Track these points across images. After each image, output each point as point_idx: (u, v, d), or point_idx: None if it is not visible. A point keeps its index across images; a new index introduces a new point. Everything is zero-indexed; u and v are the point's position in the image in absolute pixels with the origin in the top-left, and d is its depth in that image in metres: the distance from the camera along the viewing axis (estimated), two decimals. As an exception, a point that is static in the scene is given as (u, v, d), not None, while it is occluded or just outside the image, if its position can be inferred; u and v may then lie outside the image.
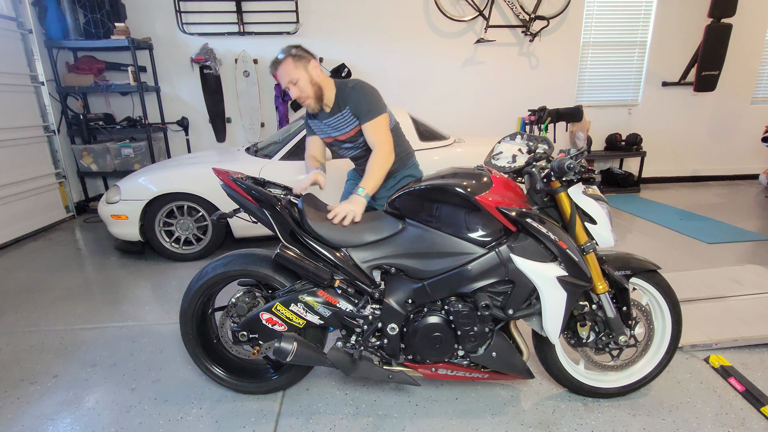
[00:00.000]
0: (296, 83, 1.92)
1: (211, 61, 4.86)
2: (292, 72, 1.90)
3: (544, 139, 1.68)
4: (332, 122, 2.05)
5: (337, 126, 2.05)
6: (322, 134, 2.14)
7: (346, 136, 2.06)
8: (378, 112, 1.97)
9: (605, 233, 1.62)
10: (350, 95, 1.97)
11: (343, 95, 1.99)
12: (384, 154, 1.93)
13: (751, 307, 2.44)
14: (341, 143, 2.12)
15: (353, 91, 1.97)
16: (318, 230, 1.65)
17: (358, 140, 2.07)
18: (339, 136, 2.08)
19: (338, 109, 2.01)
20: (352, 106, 1.97)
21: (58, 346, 2.32)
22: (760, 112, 6.00)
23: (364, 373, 1.70)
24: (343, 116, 2.01)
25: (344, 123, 2.02)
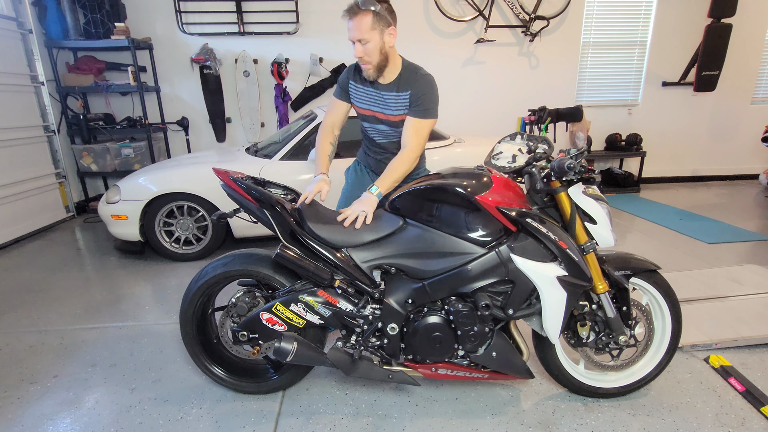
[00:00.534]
0: (365, 44, 1.76)
1: (211, 61, 4.86)
2: (366, 30, 1.73)
3: (544, 139, 1.68)
4: (384, 97, 1.91)
5: (388, 104, 1.91)
6: (364, 103, 1.97)
7: (391, 117, 1.93)
8: (432, 116, 1.89)
9: (605, 233, 1.62)
10: (419, 82, 1.86)
11: (409, 77, 1.87)
12: (411, 159, 1.86)
13: (751, 307, 2.44)
14: (379, 122, 1.98)
15: (424, 80, 1.87)
16: (318, 231, 1.65)
17: (399, 128, 1.95)
18: (383, 114, 1.94)
19: (396, 88, 1.88)
20: (415, 93, 1.85)
21: (58, 346, 2.32)
22: (760, 112, 6.00)
23: (364, 373, 1.70)
24: (399, 98, 1.89)
25: (396, 104, 1.90)
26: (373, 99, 1.94)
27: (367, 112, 1.99)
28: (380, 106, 1.93)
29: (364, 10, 1.71)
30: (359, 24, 1.72)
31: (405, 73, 1.88)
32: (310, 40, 5.10)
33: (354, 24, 1.73)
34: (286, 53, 5.06)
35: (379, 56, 1.80)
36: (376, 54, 1.79)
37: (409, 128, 1.88)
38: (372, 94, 1.93)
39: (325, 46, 5.13)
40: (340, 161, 3.44)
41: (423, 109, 1.86)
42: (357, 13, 1.72)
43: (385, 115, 1.95)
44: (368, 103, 1.96)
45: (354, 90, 1.99)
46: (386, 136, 2.02)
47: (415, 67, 1.91)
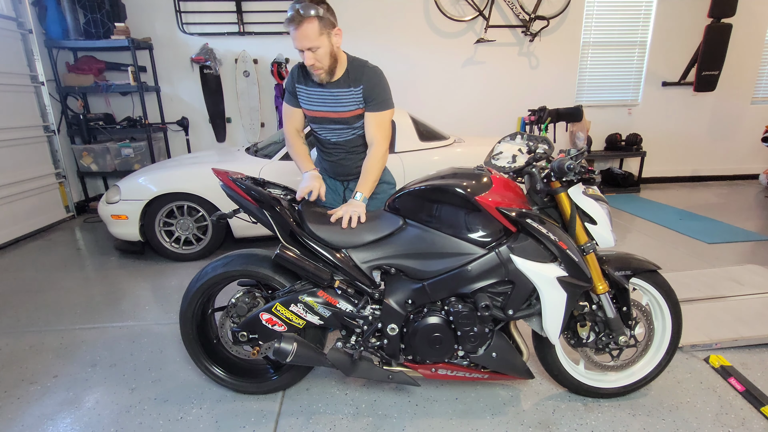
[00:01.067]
0: (316, 50, 1.69)
1: (211, 61, 4.86)
2: (314, 37, 1.66)
3: (544, 139, 1.68)
4: (336, 95, 1.84)
5: (340, 101, 1.85)
6: (315, 105, 1.89)
7: (344, 114, 1.87)
8: (389, 106, 1.87)
9: (605, 233, 1.62)
10: (369, 76, 1.82)
11: (358, 72, 1.83)
12: (381, 154, 1.86)
13: (751, 307, 2.44)
14: (332, 122, 1.91)
15: (374, 73, 1.83)
16: (317, 232, 1.65)
17: (354, 125, 1.91)
18: (335, 113, 1.88)
19: (346, 84, 1.83)
20: (367, 87, 1.82)
21: (58, 346, 2.32)
22: (760, 112, 6.00)
23: (364, 373, 1.70)
24: (351, 93, 1.83)
25: (349, 99, 1.84)
26: (324, 99, 1.87)
27: (319, 114, 1.91)
28: (332, 105, 1.87)
29: (308, 18, 1.63)
30: (306, 32, 1.65)
31: (353, 69, 1.84)
32: (310, 40, 5.08)
33: (300, 33, 1.65)
34: (286, 53, 5.06)
35: (329, 60, 1.76)
36: (326, 58, 1.74)
37: (371, 124, 1.86)
38: (322, 94, 1.86)
39: (325, 46, 5.11)
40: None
41: (379, 102, 1.85)
42: (302, 22, 1.64)
43: (337, 113, 1.88)
44: (319, 104, 1.89)
45: (303, 93, 1.90)
46: (339, 135, 1.95)
47: (361, 61, 1.87)
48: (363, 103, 1.86)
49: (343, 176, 2.08)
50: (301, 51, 1.71)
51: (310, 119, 1.96)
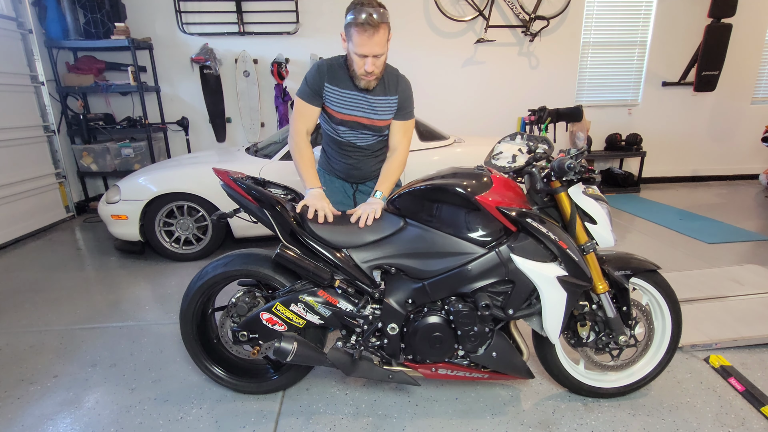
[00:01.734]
0: (380, 57, 1.66)
1: (211, 61, 4.86)
2: (384, 44, 1.63)
3: (544, 139, 1.68)
4: (372, 101, 1.81)
5: (376, 109, 1.82)
6: (345, 109, 1.82)
7: (377, 122, 1.86)
8: (414, 116, 1.91)
9: (605, 233, 1.62)
10: (403, 86, 1.84)
11: (393, 81, 1.82)
12: (403, 159, 1.90)
13: (751, 307, 2.44)
14: (363, 127, 1.87)
15: (406, 83, 1.85)
16: (318, 231, 1.65)
17: (383, 132, 1.90)
18: (368, 119, 1.84)
19: (383, 92, 1.81)
20: (402, 97, 1.83)
21: (58, 346, 2.32)
22: (760, 112, 6.00)
23: (364, 373, 1.70)
24: (387, 102, 1.83)
25: (385, 108, 1.83)
26: (359, 104, 1.81)
27: (349, 118, 1.84)
28: (367, 111, 1.83)
29: (383, 24, 1.59)
30: (380, 39, 1.60)
31: (388, 77, 1.81)
32: (310, 40, 5.10)
33: (374, 40, 1.59)
34: (286, 53, 5.06)
35: (383, 67, 1.75)
36: (382, 65, 1.73)
37: (399, 132, 1.89)
38: (358, 99, 1.80)
39: (325, 46, 5.13)
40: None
41: (409, 111, 1.88)
42: (378, 28, 1.57)
43: (371, 120, 1.84)
44: (352, 108, 1.82)
45: (333, 94, 1.81)
46: (364, 140, 1.93)
47: (393, 69, 1.85)
48: (394, 112, 1.86)
49: (355, 179, 2.06)
50: (362, 57, 1.64)
51: (337, 121, 1.87)
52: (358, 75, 1.72)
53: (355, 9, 1.59)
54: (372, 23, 1.57)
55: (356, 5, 1.60)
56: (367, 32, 1.58)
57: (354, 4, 1.61)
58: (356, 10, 1.58)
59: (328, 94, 1.82)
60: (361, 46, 1.61)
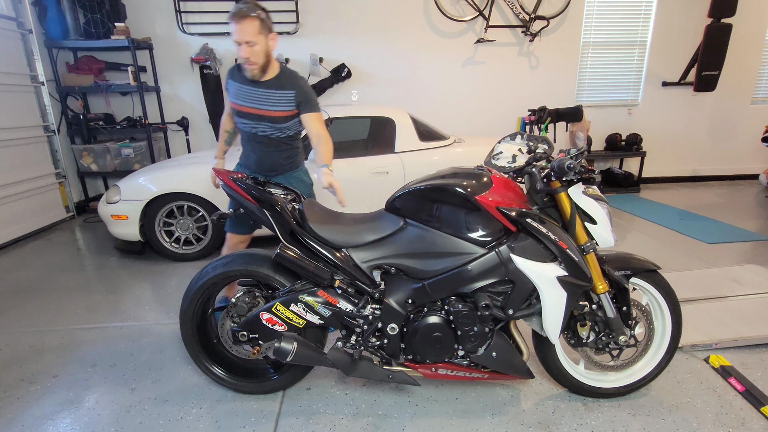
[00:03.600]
0: (253, 46, 1.92)
1: (211, 61, 4.86)
2: (254, 34, 1.89)
3: (544, 139, 1.68)
4: (265, 94, 2.03)
5: (268, 101, 2.03)
6: (242, 101, 2.07)
7: (272, 113, 2.05)
8: (319, 110, 2.10)
9: (605, 233, 1.62)
10: (300, 83, 2.05)
11: (290, 78, 2.05)
12: (329, 139, 2.04)
13: (751, 307, 2.44)
14: (258, 118, 2.07)
15: (303, 81, 2.07)
16: (319, 231, 1.65)
17: (280, 124, 2.07)
18: (262, 110, 2.05)
19: (278, 87, 2.03)
20: (299, 92, 2.03)
21: (58, 346, 2.32)
22: (760, 112, 6.00)
23: (364, 373, 1.70)
24: (282, 95, 2.03)
25: (279, 101, 2.03)
26: (254, 96, 2.04)
27: (246, 109, 2.07)
28: (263, 103, 2.04)
29: (250, 16, 1.87)
30: (249, 28, 1.87)
31: (284, 75, 2.05)
32: (310, 40, 5.10)
33: (240, 27, 1.87)
34: (286, 53, 5.06)
35: (263, 58, 1.97)
36: (261, 56, 1.95)
37: (314, 122, 2.06)
38: (252, 91, 2.04)
39: (325, 46, 5.13)
40: (339, 161, 3.45)
41: (313, 105, 2.07)
42: (245, 18, 1.86)
43: (265, 111, 2.05)
44: (247, 100, 2.05)
45: (234, 88, 2.09)
46: (264, 131, 2.10)
47: (292, 71, 2.10)
48: (295, 106, 2.05)
49: (266, 171, 2.20)
50: (239, 44, 1.91)
51: (237, 113, 2.11)
52: (243, 65, 1.99)
53: (234, 7, 1.91)
54: (240, 14, 1.86)
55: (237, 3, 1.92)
56: (237, 22, 1.87)
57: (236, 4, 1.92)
58: (234, 7, 1.90)
59: (230, 89, 2.12)
60: (234, 33, 1.90)
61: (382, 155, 3.54)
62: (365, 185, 3.47)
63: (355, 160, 3.49)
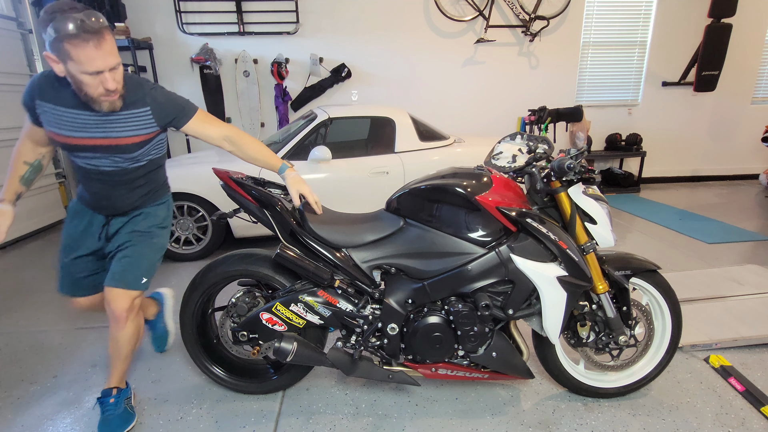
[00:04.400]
0: (116, 69, 1.36)
1: (211, 61, 4.86)
2: (116, 51, 1.34)
3: (544, 139, 1.68)
4: (111, 119, 1.46)
5: (114, 126, 1.46)
6: (71, 131, 1.45)
7: (122, 141, 1.49)
8: (195, 106, 1.61)
9: (605, 233, 1.62)
10: (153, 93, 1.50)
11: (138, 90, 1.49)
12: (250, 136, 1.68)
13: (751, 307, 2.44)
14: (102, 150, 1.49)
15: (157, 91, 1.52)
16: (319, 231, 1.65)
17: (132, 152, 1.53)
18: (108, 140, 1.47)
19: (128, 106, 1.46)
20: (156, 106, 1.50)
21: (58, 346, 2.32)
22: (760, 112, 6.00)
23: (364, 373, 1.70)
24: (136, 116, 1.48)
25: (129, 124, 1.48)
26: (91, 123, 1.44)
27: (79, 141, 1.46)
28: (104, 130, 1.46)
29: (106, 28, 1.29)
30: (109, 46, 1.30)
31: (131, 88, 1.47)
32: (310, 40, 5.10)
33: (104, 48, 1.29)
34: (286, 53, 5.06)
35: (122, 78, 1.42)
36: (122, 77, 1.41)
37: (206, 128, 1.61)
38: (87, 117, 1.43)
39: (325, 46, 5.13)
40: (339, 161, 3.45)
41: (189, 109, 1.58)
42: (102, 33, 1.28)
43: (111, 140, 1.47)
44: (80, 129, 1.45)
45: (51, 114, 1.42)
46: (111, 165, 1.53)
47: (136, 78, 1.52)
48: (156, 126, 1.54)
49: (106, 211, 1.65)
50: (96, 74, 1.31)
51: (63, 146, 1.48)
52: (97, 98, 1.36)
53: (56, 20, 1.23)
54: (91, 29, 1.25)
55: (54, 14, 1.24)
56: (90, 42, 1.26)
57: (50, 13, 1.25)
58: (59, 20, 1.23)
59: (45, 113, 1.43)
60: (91, 61, 1.28)
61: (382, 155, 3.55)
62: (365, 185, 3.47)
63: (355, 160, 3.49)
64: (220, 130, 1.63)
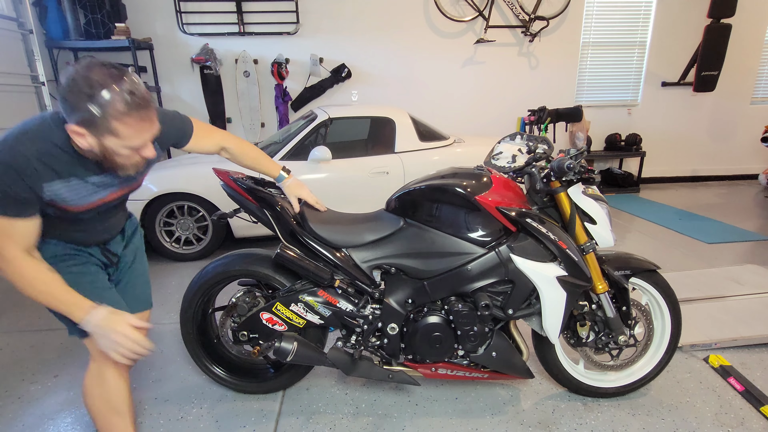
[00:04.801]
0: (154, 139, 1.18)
1: (211, 61, 4.86)
2: (156, 117, 1.15)
3: (544, 139, 1.69)
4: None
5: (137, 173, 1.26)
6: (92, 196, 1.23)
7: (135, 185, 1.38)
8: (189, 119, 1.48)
9: (605, 233, 1.62)
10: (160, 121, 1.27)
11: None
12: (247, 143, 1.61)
13: (750, 307, 2.45)
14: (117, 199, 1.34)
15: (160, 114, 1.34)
16: (319, 231, 1.65)
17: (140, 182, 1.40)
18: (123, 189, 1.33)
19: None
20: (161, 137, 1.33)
21: (59, 346, 2.32)
22: (759, 112, 6.00)
23: (364, 373, 1.70)
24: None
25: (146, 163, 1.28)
26: (108, 184, 1.27)
27: (96, 203, 1.27)
28: (124, 183, 1.31)
29: (149, 93, 1.12)
30: (154, 114, 1.12)
31: None
32: (310, 40, 5.10)
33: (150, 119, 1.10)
34: (286, 53, 5.06)
35: None
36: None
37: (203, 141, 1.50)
38: (108, 180, 1.25)
39: (325, 46, 5.13)
40: (339, 161, 3.45)
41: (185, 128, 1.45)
42: (149, 103, 1.10)
43: (129, 186, 1.35)
44: (97, 193, 1.25)
45: (61, 190, 1.16)
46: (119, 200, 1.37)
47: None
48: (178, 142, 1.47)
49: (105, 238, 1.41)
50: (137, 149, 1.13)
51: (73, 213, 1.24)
52: (128, 166, 1.16)
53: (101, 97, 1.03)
54: (142, 101, 1.07)
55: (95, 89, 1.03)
56: (140, 114, 1.08)
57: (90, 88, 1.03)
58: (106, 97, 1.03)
59: (57, 194, 1.16)
60: (139, 134, 1.10)
61: (382, 155, 3.55)
62: (365, 185, 3.48)
63: (355, 160, 3.49)
64: (216, 140, 1.55)
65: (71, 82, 1.05)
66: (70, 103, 1.05)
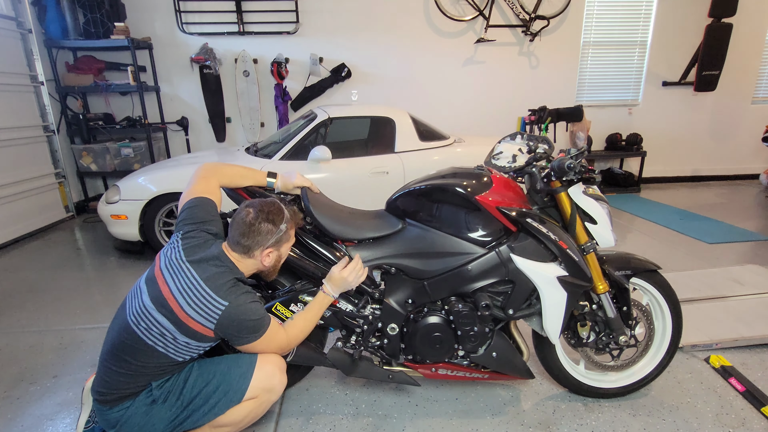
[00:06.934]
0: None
1: (210, 60, 4.86)
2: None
3: (544, 139, 1.68)
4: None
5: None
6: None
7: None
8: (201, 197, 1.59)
9: (605, 233, 1.62)
10: None
11: None
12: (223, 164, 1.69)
13: (751, 307, 2.44)
14: None
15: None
16: (320, 219, 1.62)
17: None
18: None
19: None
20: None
21: (58, 346, 2.31)
22: (760, 111, 6.00)
23: (364, 373, 1.70)
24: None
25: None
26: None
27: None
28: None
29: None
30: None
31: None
32: (310, 40, 5.09)
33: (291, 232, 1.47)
34: (286, 53, 5.06)
35: None
36: None
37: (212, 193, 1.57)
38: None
39: (325, 46, 5.13)
40: (339, 161, 3.44)
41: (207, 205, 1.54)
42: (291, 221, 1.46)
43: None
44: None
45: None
46: None
47: None
48: None
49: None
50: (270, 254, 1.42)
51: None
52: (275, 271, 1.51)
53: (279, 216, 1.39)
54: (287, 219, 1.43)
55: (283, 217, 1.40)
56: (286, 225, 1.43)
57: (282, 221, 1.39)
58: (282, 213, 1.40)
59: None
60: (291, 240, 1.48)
61: (382, 155, 3.54)
62: (365, 185, 3.47)
63: (355, 160, 3.48)
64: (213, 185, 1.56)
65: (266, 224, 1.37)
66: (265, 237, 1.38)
